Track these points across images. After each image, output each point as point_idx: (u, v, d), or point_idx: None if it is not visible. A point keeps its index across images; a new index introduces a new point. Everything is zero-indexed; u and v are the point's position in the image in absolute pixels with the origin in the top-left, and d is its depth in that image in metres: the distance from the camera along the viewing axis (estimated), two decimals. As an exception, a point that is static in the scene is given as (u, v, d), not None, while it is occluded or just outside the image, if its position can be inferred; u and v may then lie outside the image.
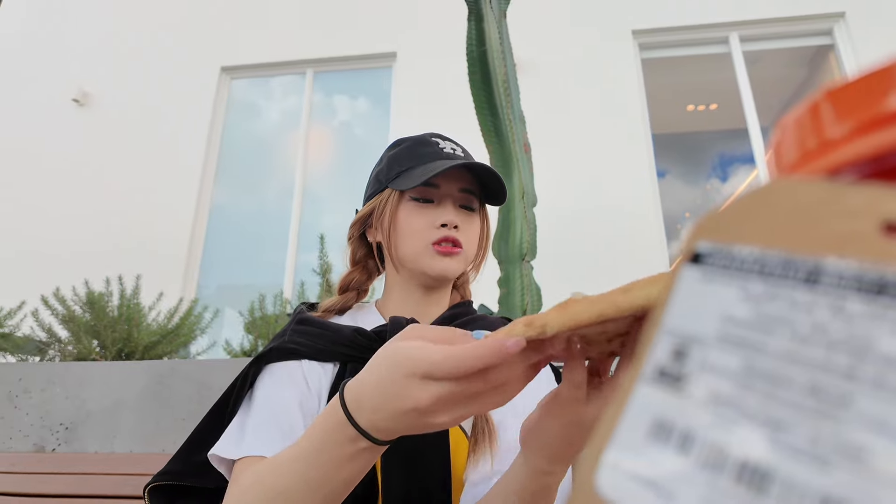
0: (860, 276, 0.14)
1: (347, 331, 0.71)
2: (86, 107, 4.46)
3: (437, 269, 0.74)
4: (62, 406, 1.69)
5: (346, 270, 0.84)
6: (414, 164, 0.77)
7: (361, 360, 0.67)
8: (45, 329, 2.33)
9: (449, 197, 0.77)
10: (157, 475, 0.66)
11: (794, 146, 0.19)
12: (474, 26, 1.70)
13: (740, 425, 0.15)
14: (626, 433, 0.17)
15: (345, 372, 0.68)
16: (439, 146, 0.79)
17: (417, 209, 0.76)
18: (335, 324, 0.74)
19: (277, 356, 0.70)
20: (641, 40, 4.10)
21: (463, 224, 0.76)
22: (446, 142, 0.80)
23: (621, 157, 3.71)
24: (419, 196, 0.76)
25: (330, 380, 0.69)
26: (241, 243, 4.21)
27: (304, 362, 0.70)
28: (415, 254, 0.75)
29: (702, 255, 0.18)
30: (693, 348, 0.17)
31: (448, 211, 0.75)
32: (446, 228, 0.74)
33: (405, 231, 0.76)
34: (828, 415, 0.13)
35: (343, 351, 0.70)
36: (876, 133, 0.16)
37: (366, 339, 0.70)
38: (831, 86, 0.17)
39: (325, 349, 0.70)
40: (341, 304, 0.80)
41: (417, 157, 0.77)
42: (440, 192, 0.77)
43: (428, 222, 0.75)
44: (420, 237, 0.75)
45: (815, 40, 4.05)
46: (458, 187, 0.77)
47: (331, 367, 0.70)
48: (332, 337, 0.71)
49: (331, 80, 4.52)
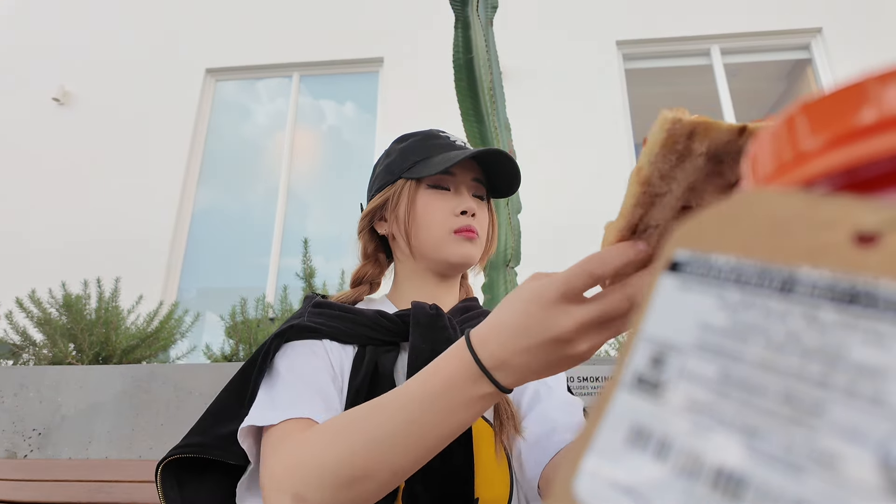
0: (833, 285, 0.15)
1: (370, 313, 0.71)
2: (66, 106, 4.39)
3: (460, 255, 0.74)
4: (35, 410, 1.65)
5: (359, 264, 0.85)
6: (429, 154, 0.78)
7: (383, 342, 0.69)
8: (19, 332, 2.28)
9: (463, 185, 0.78)
10: (174, 448, 0.62)
11: (770, 157, 0.19)
12: (461, 34, 1.71)
13: (716, 432, 0.15)
14: (604, 440, 0.17)
15: (364, 355, 0.67)
16: (450, 139, 0.81)
17: (436, 197, 0.77)
18: (356, 307, 0.74)
19: (297, 334, 0.68)
20: (626, 51, 4.16)
21: (478, 212, 0.77)
22: (453, 134, 0.83)
23: (605, 165, 3.74)
24: (436, 184, 0.77)
25: (350, 361, 0.68)
26: (224, 246, 4.17)
27: (325, 341, 0.68)
28: (436, 241, 0.75)
29: (680, 263, 0.18)
30: (671, 356, 0.17)
31: (466, 199, 0.77)
32: (466, 216, 0.75)
33: (424, 219, 0.76)
34: (801, 422, 0.14)
35: (365, 333, 0.69)
36: (849, 146, 0.16)
37: (389, 321, 0.70)
38: (807, 99, 0.18)
39: (346, 330, 0.69)
40: (353, 297, 0.80)
41: (431, 149, 0.79)
42: (456, 180, 0.78)
43: (449, 210, 0.76)
44: (441, 225, 0.75)
45: (793, 54, 4.14)
46: (471, 177, 0.79)
47: (350, 349, 0.69)
48: (353, 318, 0.70)
49: (317, 83, 4.50)
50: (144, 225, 3.96)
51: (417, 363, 0.64)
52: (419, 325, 0.68)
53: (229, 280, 4.11)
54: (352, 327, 0.69)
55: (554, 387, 0.74)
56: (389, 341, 0.69)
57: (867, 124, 0.16)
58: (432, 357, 0.63)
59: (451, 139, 0.81)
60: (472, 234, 0.75)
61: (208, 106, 4.44)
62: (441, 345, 0.64)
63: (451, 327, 0.70)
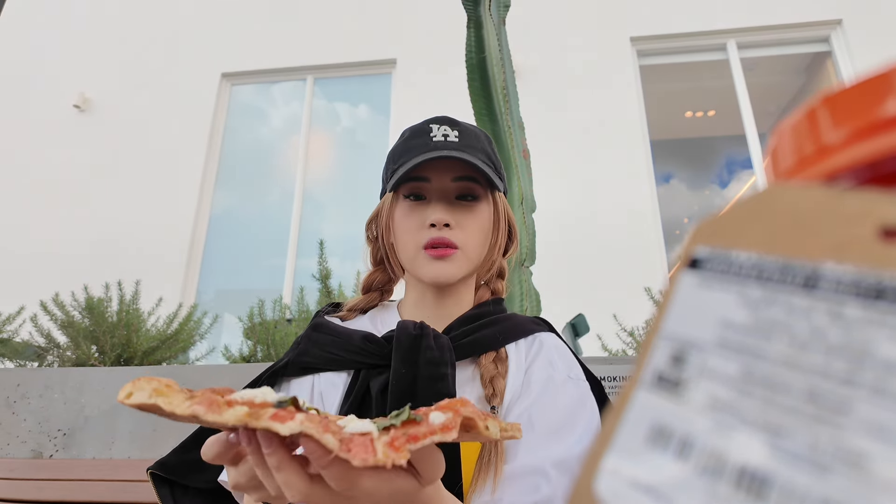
0: (858, 281, 0.14)
1: (357, 337, 0.69)
2: (87, 112, 4.47)
3: (430, 276, 0.69)
4: (60, 412, 1.68)
5: (369, 270, 0.82)
6: (406, 158, 0.71)
7: (373, 366, 0.67)
8: (43, 335, 2.33)
9: (440, 191, 0.71)
10: (155, 463, 0.66)
11: (791, 152, 0.19)
12: (473, 33, 1.71)
13: (739, 431, 0.15)
14: (625, 439, 0.17)
15: (357, 379, 0.66)
16: (430, 134, 0.72)
17: (409, 209, 0.72)
18: (347, 330, 0.71)
19: (293, 371, 0.69)
20: (640, 47, 4.12)
21: (459, 219, 0.70)
22: (442, 127, 0.73)
23: (620, 163, 3.71)
24: (410, 193, 0.72)
25: (344, 387, 0.67)
26: (241, 248, 4.21)
27: (319, 376, 0.69)
28: (409, 259, 0.71)
29: (700, 260, 0.18)
30: (692, 354, 0.17)
31: (436, 208, 0.69)
32: (436, 229, 0.69)
33: (399, 234, 0.72)
34: (827, 421, 0.13)
35: (356, 359, 0.68)
36: (872, 139, 0.16)
37: (375, 345, 0.68)
38: (828, 92, 0.18)
39: (337, 358, 0.68)
40: (364, 303, 0.78)
41: (408, 151, 0.71)
42: (432, 186, 0.71)
43: (418, 222, 0.70)
44: (412, 240, 0.70)
45: (811, 47, 4.07)
46: (451, 177, 0.71)
47: (346, 375, 0.68)
48: (343, 344, 0.69)
49: (331, 86, 4.53)
50: (163, 228, 4.02)
51: (398, 387, 0.63)
52: (400, 348, 0.65)
53: (247, 282, 4.15)
54: (344, 354, 0.68)
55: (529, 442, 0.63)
56: (380, 364, 0.67)
57: (891, 116, 0.16)
58: (414, 380, 0.63)
59: (430, 135, 0.72)
60: (444, 252, 0.68)
61: (224, 110, 4.49)
62: (423, 367, 0.64)
63: (438, 347, 0.66)
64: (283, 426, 0.33)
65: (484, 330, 0.70)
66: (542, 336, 0.74)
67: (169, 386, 0.37)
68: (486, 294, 0.78)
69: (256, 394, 0.37)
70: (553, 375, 0.68)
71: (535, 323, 0.76)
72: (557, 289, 2.23)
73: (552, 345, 0.72)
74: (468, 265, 0.71)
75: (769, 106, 4.38)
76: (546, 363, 0.69)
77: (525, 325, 0.74)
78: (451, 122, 0.74)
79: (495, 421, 0.41)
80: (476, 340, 0.69)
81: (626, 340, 2.33)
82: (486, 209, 0.73)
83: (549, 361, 0.69)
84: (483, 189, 0.73)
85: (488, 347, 0.69)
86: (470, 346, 0.69)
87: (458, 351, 0.67)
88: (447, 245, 0.68)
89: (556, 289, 2.15)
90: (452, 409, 0.39)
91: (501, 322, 0.72)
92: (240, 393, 0.37)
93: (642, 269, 3.32)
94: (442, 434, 0.37)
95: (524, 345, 0.72)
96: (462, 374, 0.68)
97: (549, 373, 0.68)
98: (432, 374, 0.63)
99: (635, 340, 2.29)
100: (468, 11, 1.71)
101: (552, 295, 1.85)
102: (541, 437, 0.61)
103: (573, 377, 0.68)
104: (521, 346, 0.72)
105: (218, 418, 0.33)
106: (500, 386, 0.66)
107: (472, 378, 0.68)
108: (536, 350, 0.71)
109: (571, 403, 0.65)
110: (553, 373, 0.68)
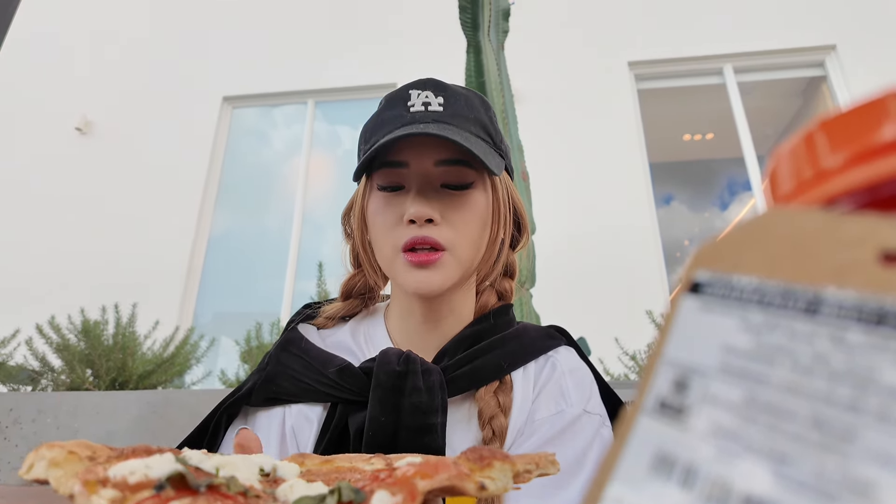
0: (860, 306, 0.14)
1: (332, 368, 0.57)
2: (88, 135, 4.51)
3: (412, 287, 0.55)
4: (53, 437, 1.66)
5: (349, 273, 0.68)
6: (378, 137, 0.56)
7: (349, 402, 0.55)
8: (38, 358, 2.31)
9: (421, 178, 0.56)
10: None
11: (789, 176, 0.19)
12: (473, 58, 1.73)
13: (744, 459, 0.14)
14: (628, 467, 0.16)
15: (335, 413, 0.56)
16: (408, 103, 0.57)
17: (384, 201, 0.57)
18: (322, 353, 0.59)
19: (257, 400, 0.57)
20: (637, 71, 4.18)
21: (445, 212, 0.56)
22: (424, 93, 0.57)
23: (619, 185, 3.74)
24: (385, 183, 0.58)
25: (319, 423, 0.57)
26: (239, 271, 4.21)
27: (290, 408, 0.57)
28: (387, 263, 0.58)
29: (701, 284, 0.18)
30: (694, 379, 0.17)
31: (415, 201, 0.55)
32: (416, 226, 0.55)
33: (373, 233, 0.59)
34: (832, 448, 0.13)
35: (329, 392, 0.56)
36: (871, 163, 0.16)
37: (353, 378, 0.56)
38: (825, 117, 0.18)
39: (309, 388, 0.57)
40: (344, 311, 0.66)
41: (381, 126, 0.57)
42: (410, 171, 0.56)
43: (395, 219, 0.56)
44: (387, 240, 0.57)
45: (807, 72, 4.13)
46: (434, 160, 0.56)
47: (320, 408, 0.57)
48: (315, 375, 0.57)
49: (332, 109, 4.58)
50: (162, 251, 4.02)
51: (375, 440, 0.51)
52: (379, 387, 0.53)
53: (244, 304, 4.14)
54: (315, 385, 0.56)
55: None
56: (358, 400, 0.55)
57: (889, 141, 0.16)
58: (395, 432, 0.51)
59: (408, 104, 0.56)
60: (426, 258, 0.54)
61: (225, 133, 4.53)
62: (407, 416, 0.52)
63: (427, 388, 0.53)
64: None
65: (485, 355, 0.58)
66: (556, 357, 0.61)
67: (73, 452, 0.28)
68: (492, 298, 0.64)
69: (140, 466, 0.27)
70: (564, 412, 0.56)
71: (549, 337, 0.63)
72: (558, 311, 2.22)
73: (567, 368, 0.60)
74: (459, 270, 0.57)
75: (767, 129, 4.43)
76: (557, 395, 0.58)
77: (536, 344, 0.61)
78: (437, 84, 0.58)
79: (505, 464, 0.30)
80: (475, 371, 0.57)
81: (627, 364, 2.32)
82: (483, 196, 0.58)
83: (562, 392, 0.58)
84: (476, 172, 0.58)
85: (490, 378, 0.57)
86: (467, 380, 0.56)
87: (452, 386, 0.55)
88: (431, 246, 0.55)
89: (556, 311, 2.14)
90: (406, 487, 0.26)
91: (508, 342, 0.60)
92: (127, 464, 0.27)
93: (643, 291, 3.31)
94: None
95: (534, 369, 0.60)
96: (455, 413, 0.56)
97: (559, 408, 0.57)
98: (419, 426, 0.52)
99: (637, 364, 2.27)
100: (468, 37, 1.74)
101: (552, 318, 1.84)
102: (544, 486, 0.51)
103: (590, 410, 0.57)
104: (531, 370, 0.60)
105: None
106: (502, 425, 0.55)
107: (467, 418, 0.57)
108: (547, 376, 0.59)
109: (582, 445, 0.54)
110: (565, 408, 0.56)
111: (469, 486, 0.28)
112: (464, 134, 0.55)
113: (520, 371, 0.60)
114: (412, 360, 0.55)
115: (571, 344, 0.65)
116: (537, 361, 0.61)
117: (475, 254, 0.59)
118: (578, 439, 0.54)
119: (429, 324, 0.61)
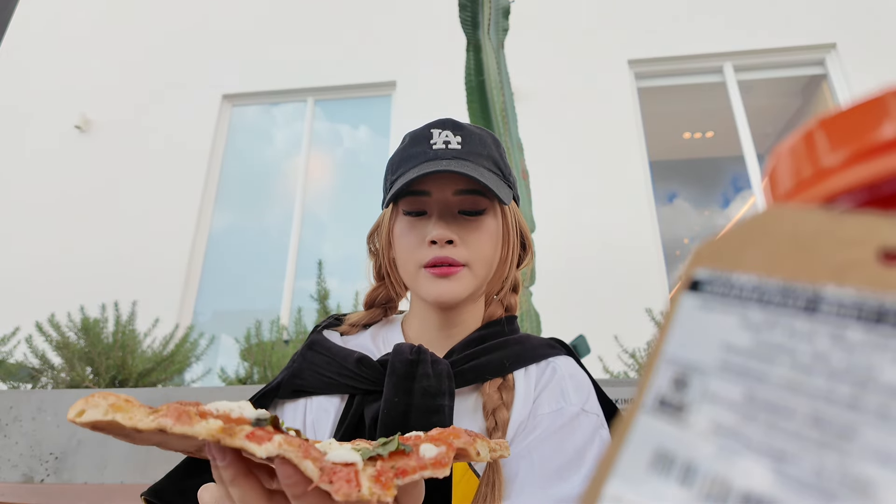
0: (859, 304, 0.14)
1: (352, 360, 0.64)
2: (88, 133, 4.51)
3: (433, 295, 0.64)
4: (53, 435, 1.66)
5: (372, 285, 0.76)
6: (404, 169, 0.66)
7: (366, 391, 0.63)
8: (38, 356, 2.31)
9: (442, 205, 0.66)
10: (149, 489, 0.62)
11: (789, 174, 0.19)
12: (473, 57, 1.73)
13: (743, 456, 0.14)
14: (627, 465, 0.16)
15: (352, 405, 0.63)
16: (430, 141, 0.67)
17: (409, 225, 0.67)
18: (343, 350, 0.67)
19: (285, 394, 0.65)
20: (637, 69, 4.18)
21: (463, 235, 0.65)
22: (444, 132, 0.67)
23: (619, 184, 3.74)
24: (410, 209, 0.66)
25: (337, 414, 0.64)
26: (239, 269, 4.21)
27: (311, 400, 0.65)
28: (410, 277, 0.67)
29: (701, 282, 0.18)
30: (693, 377, 0.17)
31: (438, 225, 0.64)
32: (437, 246, 0.64)
33: (398, 251, 0.68)
34: (832, 446, 0.13)
35: (349, 383, 0.63)
36: (870, 161, 0.16)
37: (370, 369, 0.63)
38: (825, 115, 0.18)
39: (330, 381, 0.64)
40: (366, 319, 0.74)
41: (407, 160, 0.67)
42: (432, 199, 0.66)
43: (418, 240, 0.65)
44: (412, 258, 0.65)
45: (807, 70, 4.13)
46: (453, 190, 0.65)
47: (338, 400, 0.65)
48: (337, 368, 0.65)
49: (332, 108, 4.58)
50: (161, 249, 4.02)
51: (389, 418, 0.58)
52: (394, 374, 0.61)
53: (244, 302, 4.14)
54: (337, 378, 0.64)
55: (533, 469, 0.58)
56: (374, 390, 0.63)
57: (888, 139, 0.16)
58: (407, 411, 0.58)
59: (431, 142, 0.66)
60: (447, 270, 0.63)
61: (225, 131, 4.53)
62: (418, 397, 0.59)
63: (436, 374, 0.61)
64: (259, 448, 0.30)
65: (490, 354, 0.65)
66: (556, 362, 0.68)
67: (129, 401, 0.32)
68: (499, 311, 0.72)
69: (233, 407, 0.33)
70: (564, 409, 0.62)
71: (549, 346, 0.70)
72: (557, 310, 2.23)
73: (567, 373, 0.66)
74: (475, 283, 0.66)
75: (767, 127, 4.43)
76: (558, 394, 0.64)
77: (537, 350, 0.68)
78: (455, 125, 0.68)
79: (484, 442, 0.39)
80: (480, 366, 0.64)
81: (627, 362, 2.32)
82: (494, 221, 0.67)
83: (562, 392, 0.64)
84: (489, 200, 0.67)
85: (493, 374, 0.64)
86: (473, 373, 0.64)
87: (460, 378, 0.63)
88: (451, 263, 0.63)
89: (556, 310, 2.14)
90: (445, 441, 0.36)
91: (511, 345, 0.67)
92: (214, 404, 0.33)
93: (643, 289, 3.31)
94: (433, 470, 0.34)
95: (535, 371, 0.67)
96: (462, 403, 0.63)
97: (559, 405, 0.62)
98: (428, 406, 0.59)
99: (637, 362, 2.27)
100: (468, 35, 1.74)
101: (552, 316, 1.84)
102: (543, 478, 0.56)
103: (588, 410, 0.62)
104: (532, 372, 0.67)
105: (188, 430, 0.30)
106: (504, 417, 0.61)
107: (473, 409, 0.64)
108: (548, 378, 0.66)
109: (582, 440, 0.59)
110: (564, 405, 0.62)
111: (472, 451, 0.37)
112: (479, 169, 0.64)
113: (521, 372, 0.66)
114: (423, 350, 0.63)
115: (571, 356, 0.71)
116: (538, 365, 0.68)
117: (488, 270, 0.68)
118: (578, 435, 0.59)
119: (443, 331, 0.69)
